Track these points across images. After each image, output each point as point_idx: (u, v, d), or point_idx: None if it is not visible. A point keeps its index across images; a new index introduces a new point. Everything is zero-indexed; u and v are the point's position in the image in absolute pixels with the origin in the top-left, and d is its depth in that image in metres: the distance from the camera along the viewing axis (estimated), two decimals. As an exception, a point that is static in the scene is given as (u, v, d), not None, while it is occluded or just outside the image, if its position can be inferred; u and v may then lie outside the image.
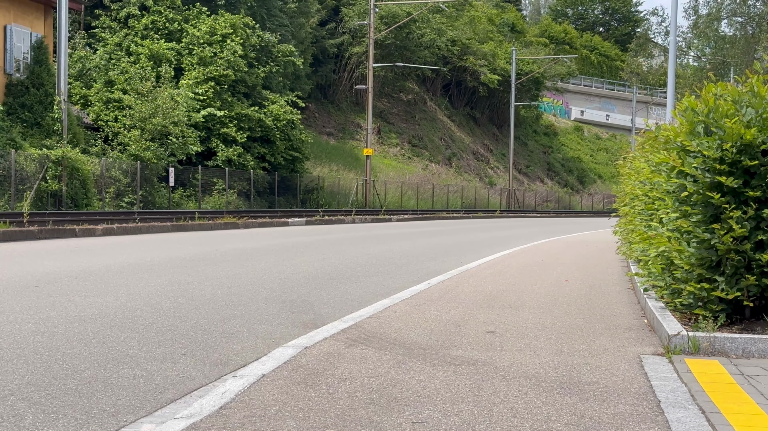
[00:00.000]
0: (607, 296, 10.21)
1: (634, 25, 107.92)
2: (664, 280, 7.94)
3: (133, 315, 7.68)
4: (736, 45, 54.98)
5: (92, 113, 33.39)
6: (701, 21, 56.54)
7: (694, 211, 7.01)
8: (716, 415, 4.71)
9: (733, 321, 7.07)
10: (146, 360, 5.89)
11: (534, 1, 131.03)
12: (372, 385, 5.23)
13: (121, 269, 11.42)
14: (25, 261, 11.98)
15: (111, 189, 29.45)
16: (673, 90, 23.99)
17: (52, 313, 7.56)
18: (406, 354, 6.21)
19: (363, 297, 9.61)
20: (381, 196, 47.19)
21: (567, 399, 5.04)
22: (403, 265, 13.69)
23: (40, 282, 9.63)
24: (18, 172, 25.04)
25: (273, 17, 44.28)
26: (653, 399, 5.08)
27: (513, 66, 65.90)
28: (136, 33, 37.21)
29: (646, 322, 8.11)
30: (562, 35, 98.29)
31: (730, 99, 7.03)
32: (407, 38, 56.92)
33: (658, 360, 6.21)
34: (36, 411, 4.53)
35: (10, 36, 28.91)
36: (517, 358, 6.20)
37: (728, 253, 6.77)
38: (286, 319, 7.85)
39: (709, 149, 6.76)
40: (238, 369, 5.69)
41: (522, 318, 8.18)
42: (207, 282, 10.37)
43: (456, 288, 10.46)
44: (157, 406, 4.75)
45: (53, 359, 5.78)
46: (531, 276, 12.27)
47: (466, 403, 4.86)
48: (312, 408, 4.69)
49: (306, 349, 6.26)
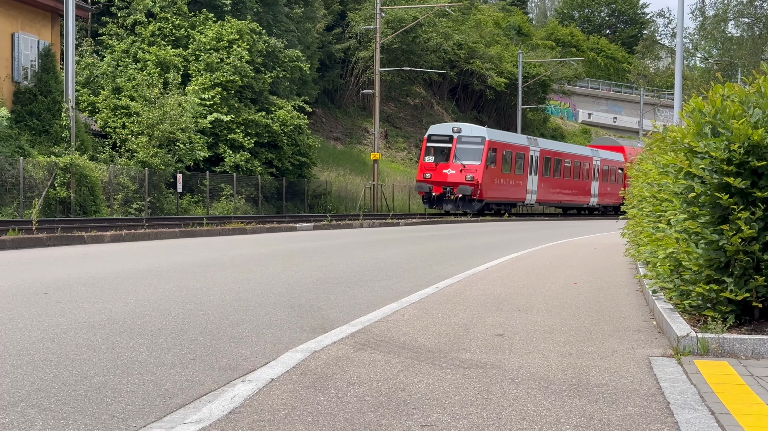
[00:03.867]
0: (616, 298, 10.20)
1: (641, 27, 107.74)
2: (672, 282, 7.92)
3: (142, 320, 7.70)
4: (743, 46, 54.88)
5: (100, 120, 33.47)
6: (708, 22, 56.46)
7: (702, 212, 6.99)
8: (726, 416, 4.70)
9: (742, 322, 7.06)
10: (155, 365, 5.90)
11: (540, 4, 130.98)
12: (381, 389, 5.24)
13: (129, 275, 11.44)
14: (34, 268, 12.02)
15: (119, 195, 29.52)
16: (680, 91, 23.95)
17: (62, 320, 7.58)
18: (414, 358, 6.21)
19: (371, 301, 9.61)
20: (388, 200, 47.20)
21: (576, 401, 5.03)
22: (411, 269, 13.69)
23: (49, 289, 9.66)
24: (27, 179, 25.11)
25: (279, 23, 44.34)
26: (662, 400, 5.07)
27: (520, 69, 65.87)
28: (143, 40, 37.29)
29: (655, 324, 8.10)
30: (568, 38, 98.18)
31: (738, 100, 7.02)
32: (414, 42, 56.93)
33: (667, 362, 6.19)
34: (46, 417, 4.55)
35: (17, 44, 29.00)
36: (526, 361, 6.19)
37: (737, 254, 6.75)
38: (294, 324, 7.86)
39: (716, 150, 6.75)
40: (247, 373, 5.70)
41: (530, 320, 8.17)
42: (215, 287, 10.38)
43: (464, 291, 10.46)
44: (167, 411, 4.76)
45: (63, 365, 5.79)
46: (539, 278, 12.26)
47: (475, 406, 4.86)
48: (321, 412, 4.69)
49: (315, 353, 6.27)
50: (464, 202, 42.84)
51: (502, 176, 45.74)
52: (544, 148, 51.42)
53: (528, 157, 48.54)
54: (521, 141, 49.26)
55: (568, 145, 58.94)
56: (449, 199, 43.04)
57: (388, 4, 54.79)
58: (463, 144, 43.55)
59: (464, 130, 44.29)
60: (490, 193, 44.26)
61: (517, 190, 47.42)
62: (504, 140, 46.61)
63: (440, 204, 43.54)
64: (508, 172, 46.57)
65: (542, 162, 50.19)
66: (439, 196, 43.34)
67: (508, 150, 46.41)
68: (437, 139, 44.33)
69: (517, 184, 47.47)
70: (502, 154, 45.54)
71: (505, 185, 46.13)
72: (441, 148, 43.92)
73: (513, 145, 47.47)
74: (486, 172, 43.44)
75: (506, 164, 46.12)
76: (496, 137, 45.55)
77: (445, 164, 43.41)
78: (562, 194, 53.31)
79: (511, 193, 46.98)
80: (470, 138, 43.59)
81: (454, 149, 43.44)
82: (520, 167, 47.88)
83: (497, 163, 44.92)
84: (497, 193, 45.29)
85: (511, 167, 46.74)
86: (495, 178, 44.85)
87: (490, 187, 44.06)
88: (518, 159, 47.49)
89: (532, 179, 49.00)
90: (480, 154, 43.21)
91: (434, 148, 44.09)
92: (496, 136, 46.10)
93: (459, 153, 43.36)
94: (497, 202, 46.18)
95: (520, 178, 47.76)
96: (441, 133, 44.52)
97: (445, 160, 43.47)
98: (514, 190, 47.15)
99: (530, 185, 48.82)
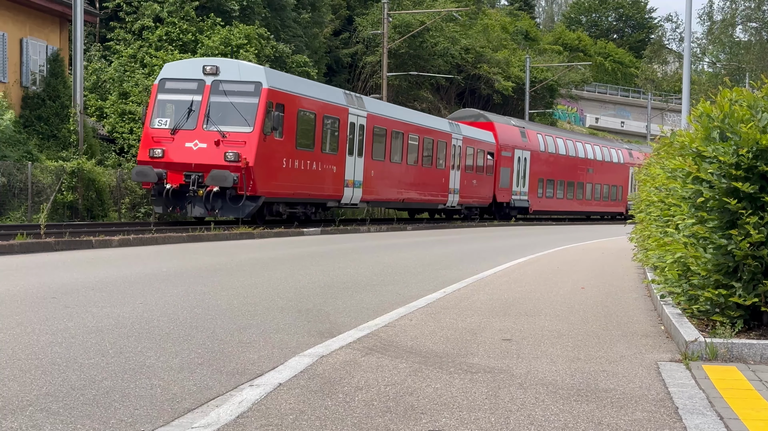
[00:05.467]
0: (624, 303, 10.18)
1: (649, 32, 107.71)
2: (680, 287, 7.91)
3: (149, 325, 7.71)
4: (751, 50, 54.79)
5: (107, 125, 33.59)
6: (716, 27, 56.41)
7: (710, 216, 6.98)
8: (735, 421, 4.69)
9: (751, 327, 7.04)
10: (163, 370, 5.91)
11: (547, 9, 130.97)
12: (388, 393, 5.23)
13: (137, 280, 11.46)
14: (43, 273, 12.05)
15: (126, 200, 29.58)
16: (688, 96, 23.93)
17: (70, 324, 7.60)
18: (422, 363, 6.20)
19: (379, 305, 9.61)
20: (395, 205, 46.94)
21: (584, 406, 5.02)
22: (418, 274, 13.69)
23: (57, 294, 9.68)
24: (34, 184, 25.18)
25: (287, 28, 44.42)
26: (671, 405, 5.06)
27: (527, 74, 65.86)
28: (151, 44, 37.38)
29: (663, 329, 8.08)
30: (575, 42, 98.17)
31: (746, 104, 7.01)
32: (421, 47, 56.98)
33: (676, 367, 6.18)
34: (54, 422, 4.55)
35: (26, 49, 29.12)
36: (534, 366, 6.18)
37: (745, 259, 6.74)
38: (302, 328, 7.86)
39: (724, 155, 6.74)
40: (254, 378, 5.70)
41: (538, 325, 8.16)
42: (223, 292, 10.39)
43: (471, 296, 10.45)
44: (175, 416, 4.77)
45: (71, 369, 5.80)
46: (547, 283, 12.24)
47: (483, 411, 4.86)
48: (329, 416, 4.69)
49: (322, 358, 6.27)
50: (224, 200, 24.46)
51: (297, 155, 26.83)
52: (375, 112, 32.17)
53: (346, 125, 29.66)
54: (334, 97, 29.46)
55: (414, 112, 38.49)
56: (197, 195, 24.33)
57: (396, 9, 54.87)
58: (223, 95, 24.89)
59: (225, 69, 25.25)
60: (273, 183, 25.62)
61: (325, 181, 28.67)
62: (300, 92, 27.21)
63: (180, 204, 24.81)
64: (308, 148, 27.48)
65: (371, 135, 31.62)
66: (178, 191, 24.59)
67: (307, 110, 27.31)
68: (176, 87, 25.46)
69: (325, 169, 28.55)
70: (295, 117, 26.56)
71: (302, 172, 27.23)
72: (182, 103, 25.17)
73: (318, 102, 27.92)
74: (263, 147, 24.80)
75: (305, 134, 27.28)
76: (284, 84, 26.30)
77: (190, 132, 24.74)
78: (404, 188, 35.06)
79: (315, 184, 28.16)
80: (235, 85, 24.98)
81: (206, 104, 24.81)
82: (333, 142, 28.96)
83: (287, 130, 26.11)
84: (286, 184, 26.46)
85: (315, 140, 27.84)
86: (282, 157, 26.03)
87: (270, 172, 25.42)
88: (328, 127, 28.65)
89: (353, 163, 30.41)
90: (252, 112, 24.65)
91: (170, 103, 25.46)
92: (286, 82, 26.72)
93: (214, 111, 24.74)
94: (287, 199, 27.16)
95: (332, 160, 28.91)
96: (184, 75, 25.48)
97: (190, 124, 24.84)
98: (319, 181, 28.35)
99: (351, 172, 30.30)
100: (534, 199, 48.77)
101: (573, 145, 54.02)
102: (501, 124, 46.60)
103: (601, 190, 56.55)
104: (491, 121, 46.07)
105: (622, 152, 60.07)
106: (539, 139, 50.06)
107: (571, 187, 52.99)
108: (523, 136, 48.36)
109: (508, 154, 46.16)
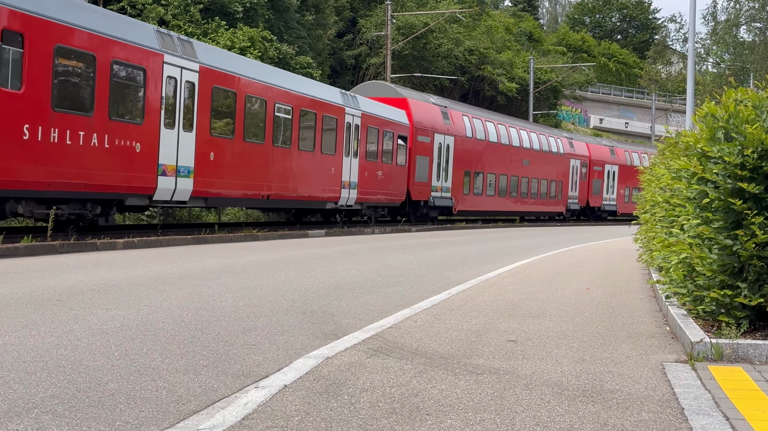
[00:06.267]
0: (629, 304, 10.17)
1: (652, 33, 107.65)
2: (686, 287, 7.90)
3: (155, 327, 7.71)
4: (756, 51, 54.72)
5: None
6: (720, 27, 56.34)
7: (715, 217, 6.98)
8: (741, 422, 4.68)
9: (757, 327, 7.03)
10: (168, 372, 5.91)
11: (551, 10, 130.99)
12: (394, 395, 5.23)
13: (142, 282, 11.47)
14: (48, 275, 12.06)
15: (131, 202, 29.58)
16: (693, 96, 23.90)
17: (75, 326, 7.60)
18: (427, 364, 6.20)
19: (384, 307, 9.61)
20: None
21: (590, 407, 5.02)
22: (423, 275, 13.68)
23: (62, 296, 9.68)
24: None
25: (291, 30, 44.46)
26: (677, 406, 5.05)
27: (531, 75, 65.86)
28: (155, 47, 37.42)
29: (669, 330, 8.07)
30: (579, 43, 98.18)
31: (751, 104, 7.00)
32: (425, 48, 57.01)
33: (681, 368, 6.17)
34: (60, 424, 4.56)
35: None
36: (539, 367, 6.18)
37: (751, 259, 6.73)
38: (307, 330, 7.86)
39: (729, 155, 6.73)
40: (259, 380, 5.70)
41: (543, 326, 8.15)
42: (228, 293, 10.40)
43: (476, 297, 10.44)
44: (180, 418, 4.77)
45: (76, 372, 5.81)
46: (552, 284, 12.24)
47: (489, 412, 4.85)
48: (334, 418, 4.69)
49: (327, 360, 6.27)
50: None
51: (56, 117, 16.20)
52: (216, 66, 21.48)
53: (160, 81, 19.23)
54: (135, 35, 18.61)
55: (287, 73, 27.07)
56: None
57: (399, 11, 54.89)
58: None
59: None
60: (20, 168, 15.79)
61: (116, 166, 18.16)
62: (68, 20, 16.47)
63: None
64: (83, 112, 17.03)
65: (207, 99, 21.07)
66: None
67: (77, 50, 16.74)
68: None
69: (120, 147, 18.13)
70: (52, 65, 16.01)
71: (67, 148, 16.65)
72: None
73: (102, 38, 17.31)
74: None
75: (76, 90, 17.01)
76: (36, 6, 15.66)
77: None
78: (268, 180, 24.64)
79: (103, 173, 17.83)
80: None
81: None
82: (135, 106, 18.62)
83: (29, 81, 15.47)
84: (39, 170, 16.19)
85: (94, 101, 17.30)
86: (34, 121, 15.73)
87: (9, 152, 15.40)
88: (129, 84, 18.36)
89: (175, 139, 19.95)
90: None
91: None
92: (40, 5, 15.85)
93: None
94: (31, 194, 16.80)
95: (133, 134, 18.53)
96: None
97: None
98: (103, 165, 17.75)
99: (170, 153, 19.83)
100: (459, 197, 39.35)
101: (506, 131, 44.45)
102: (417, 101, 36.73)
103: (538, 185, 47.62)
104: (404, 96, 35.98)
105: (561, 141, 51.15)
106: (465, 121, 40.27)
107: (503, 182, 43.95)
108: (446, 118, 38.28)
109: (426, 139, 36.21)
